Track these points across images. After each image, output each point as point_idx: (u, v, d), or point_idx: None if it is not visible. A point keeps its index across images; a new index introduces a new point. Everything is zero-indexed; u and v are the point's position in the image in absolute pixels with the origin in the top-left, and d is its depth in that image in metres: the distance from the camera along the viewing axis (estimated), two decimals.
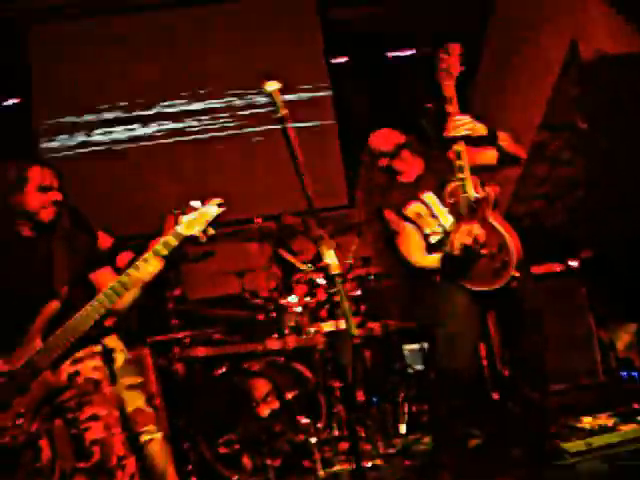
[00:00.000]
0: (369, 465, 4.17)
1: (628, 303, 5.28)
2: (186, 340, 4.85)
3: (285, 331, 4.72)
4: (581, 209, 5.86)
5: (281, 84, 2.68)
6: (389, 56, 7.77)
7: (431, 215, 3.78)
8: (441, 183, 3.70)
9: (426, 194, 3.80)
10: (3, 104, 7.27)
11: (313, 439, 4.18)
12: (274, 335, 4.74)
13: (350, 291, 4.71)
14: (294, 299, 4.73)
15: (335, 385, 4.59)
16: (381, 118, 4.23)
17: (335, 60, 7.62)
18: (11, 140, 6.73)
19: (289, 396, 4.39)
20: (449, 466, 3.57)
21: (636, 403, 4.16)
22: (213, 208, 2.92)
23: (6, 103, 7.27)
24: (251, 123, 7.33)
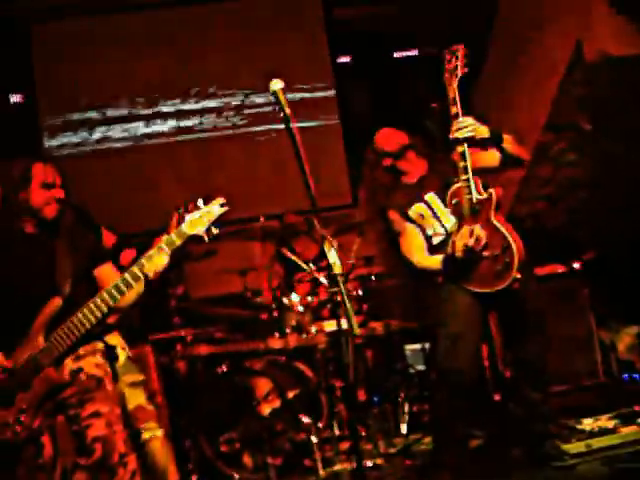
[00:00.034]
0: (370, 465, 4.17)
1: (630, 305, 5.27)
2: (188, 338, 4.85)
3: (287, 330, 4.72)
4: (584, 210, 5.86)
5: (286, 81, 2.69)
6: (393, 56, 7.78)
7: (434, 216, 3.79)
8: (445, 184, 3.70)
9: (429, 195, 3.80)
10: (8, 102, 7.28)
11: (314, 438, 4.18)
12: (276, 334, 4.74)
13: (352, 290, 4.71)
14: (296, 298, 4.74)
15: (336, 384, 4.59)
16: (385, 118, 4.22)
17: (339, 60, 7.62)
18: (16, 138, 6.74)
19: (290, 395, 4.40)
20: (450, 466, 3.57)
21: (637, 405, 4.15)
22: (216, 208, 2.92)
23: (11, 101, 7.28)
24: (255, 122, 7.33)
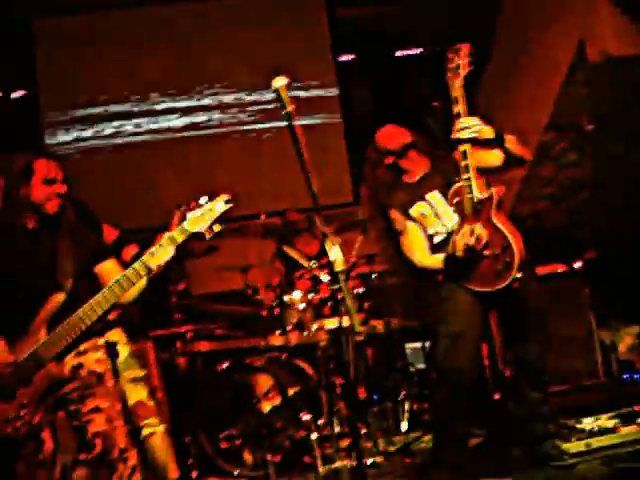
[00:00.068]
0: (369, 462, 4.18)
1: (630, 305, 5.27)
2: (189, 335, 4.85)
3: (288, 327, 4.73)
4: (585, 210, 5.86)
5: (288, 80, 2.68)
6: (396, 54, 7.78)
7: (435, 215, 3.78)
8: (446, 183, 3.70)
9: (431, 194, 3.80)
10: (9, 98, 7.28)
11: (314, 435, 4.19)
12: (277, 331, 4.74)
13: (353, 288, 4.71)
14: (297, 295, 4.73)
15: (337, 382, 4.60)
16: (387, 116, 4.21)
17: (342, 58, 7.62)
18: (17, 134, 6.74)
19: (291, 392, 4.40)
20: (450, 465, 3.57)
21: (637, 405, 4.15)
22: (220, 205, 2.91)
23: (12, 97, 7.28)
24: (257, 119, 7.33)
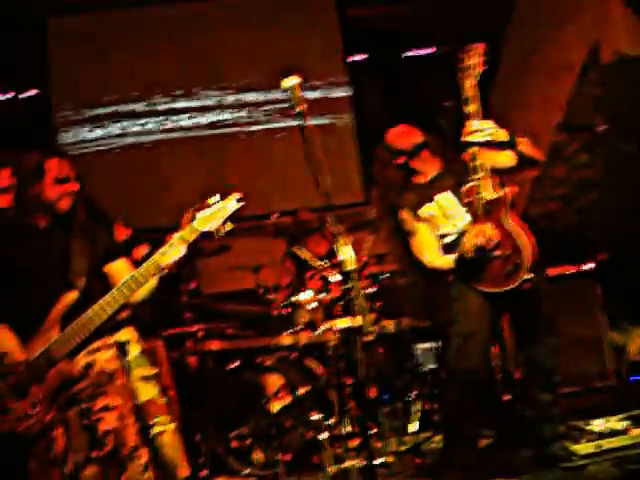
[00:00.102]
0: (379, 462, 4.17)
1: None
2: (199, 334, 4.86)
3: (298, 327, 4.73)
4: (597, 211, 5.83)
5: (300, 79, 2.69)
6: (407, 54, 7.77)
7: (446, 216, 3.78)
8: (458, 183, 3.69)
9: (443, 194, 3.79)
10: (22, 96, 7.32)
11: (324, 435, 4.19)
12: (287, 331, 4.75)
13: (364, 288, 4.71)
14: (308, 295, 4.74)
15: (347, 382, 4.59)
16: (398, 116, 4.20)
17: (353, 58, 7.61)
18: (29, 133, 6.77)
19: (301, 392, 4.40)
20: (459, 465, 3.57)
21: None
22: (232, 203, 2.92)
23: (25, 95, 7.32)
24: (269, 119, 7.34)
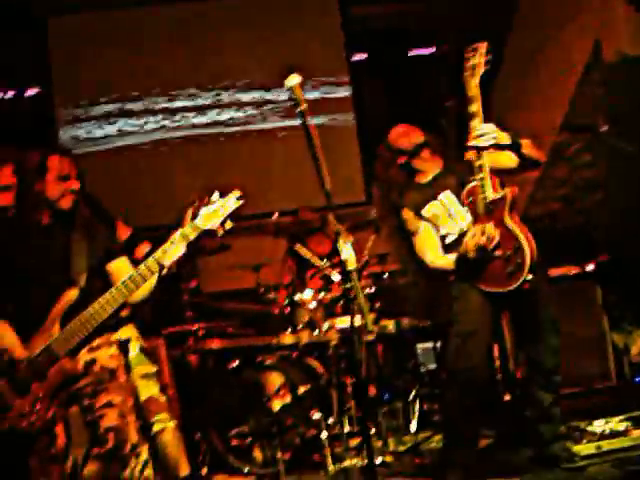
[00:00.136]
0: (379, 461, 4.17)
1: None
2: (200, 332, 4.86)
3: (299, 326, 4.73)
4: (599, 212, 5.83)
5: (301, 78, 2.69)
6: (409, 54, 7.77)
7: (448, 215, 3.78)
8: (460, 183, 3.69)
9: (444, 194, 3.78)
10: (24, 95, 7.33)
11: (324, 434, 4.19)
12: (288, 330, 4.75)
13: (365, 288, 4.71)
14: (308, 294, 4.74)
15: (347, 381, 4.60)
16: (400, 116, 4.20)
17: (355, 57, 7.62)
18: (31, 130, 6.78)
19: (301, 390, 4.41)
20: (459, 465, 3.57)
21: None
22: (232, 201, 2.92)
23: (26, 94, 7.33)
24: (271, 118, 7.35)
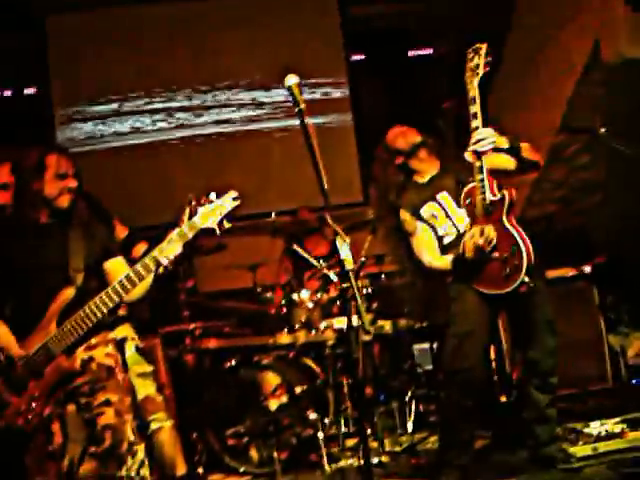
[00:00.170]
0: (375, 462, 4.18)
1: None
2: (197, 332, 4.86)
3: (295, 326, 4.74)
4: (596, 214, 5.83)
5: (300, 78, 2.69)
6: (408, 54, 7.77)
7: (446, 216, 3.78)
8: (458, 184, 3.69)
9: (441, 194, 3.79)
10: (22, 94, 7.33)
11: (320, 434, 4.19)
12: (284, 329, 4.75)
13: (362, 288, 4.71)
14: (305, 294, 4.74)
15: (344, 381, 4.60)
16: (398, 116, 4.20)
17: (353, 57, 7.62)
18: (29, 129, 6.78)
19: (298, 390, 4.41)
20: (455, 466, 3.57)
21: None
22: (229, 201, 2.93)
23: (25, 92, 7.33)
24: (269, 118, 7.35)
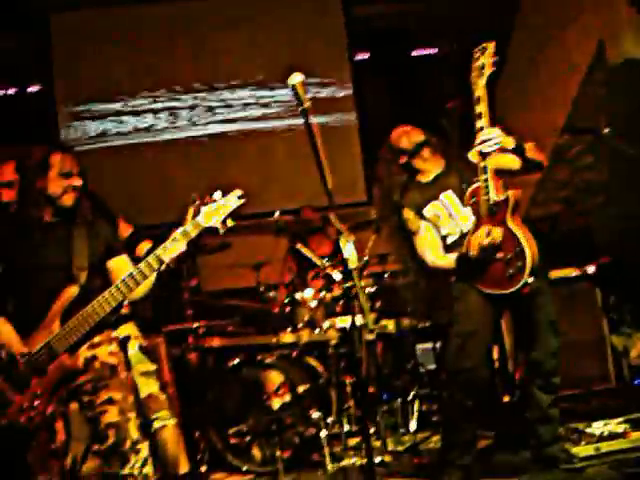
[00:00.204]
0: (377, 461, 4.18)
1: None
2: (200, 331, 4.87)
3: (299, 325, 4.74)
4: (600, 214, 5.82)
5: (304, 76, 2.69)
6: (412, 54, 7.77)
7: (449, 215, 3.78)
8: (462, 183, 3.69)
9: (445, 194, 3.79)
10: (25, 92, 7.34)
11: (323, 433, 4.20)
12: (288, 329, 4.76)
13: (365, 287, 4.71)
14: (309, 293, 4.75)
15: (347, 380, 4.61)
16: (402, 116, 4.20)
17: (357, 57, 7.62)
18: (33, 128, 6.79)
19: (301, 389, 4.41)
20: (458, 466, 3.57)
21: None
22: (233, 200, 2.93)
23: (28, 91, 7.34)
24: (273, 117, 7.35)
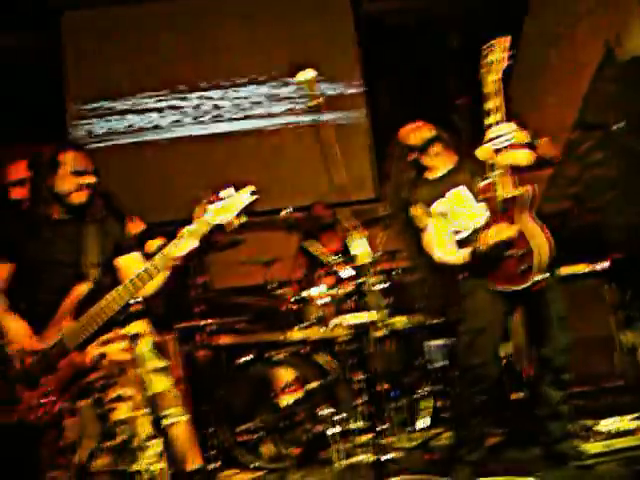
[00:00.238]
0: (388, 458, 4.17)
1: None
2: (210, 328, 4.88)
3: (309, 322, 4.74)
4: (611, 210, 5.80)
5: (315, 73, 2.69)
6: (423, 50, 7.74)
7: (459, 212, 3.77)
8: (473, 180, 3.68)
9: (455, 190, 3.78)
10: (36, 89, 7.35)
11: (333, 430, 4.20)
12: (297, 326, 4.76)
13: (376, 284, 4.70)
14: (319, 290, 4.74)
15: (356, 377, 4.60)
16: (412, 113, 4.19)
17: (368, 54, 7.60)
18: (44, 125, 6.81)
19: (310, 386, 4.42)
20: (468, 462, 3.57)
21: None
22: (245, 196, 2.93)
23: (40, 89, 7.36)
24: (283, 114, 7.35)
